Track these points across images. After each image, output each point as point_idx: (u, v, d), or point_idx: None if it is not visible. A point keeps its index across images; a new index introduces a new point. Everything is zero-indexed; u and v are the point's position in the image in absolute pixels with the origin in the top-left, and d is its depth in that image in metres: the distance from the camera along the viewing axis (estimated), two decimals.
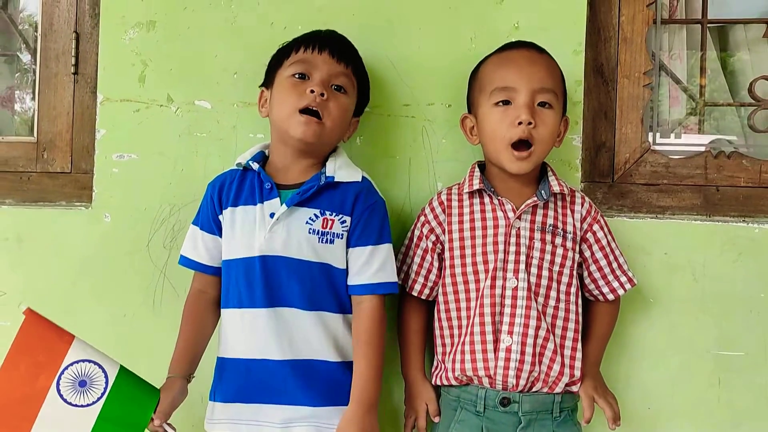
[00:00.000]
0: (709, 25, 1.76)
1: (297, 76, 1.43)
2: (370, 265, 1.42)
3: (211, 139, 1.68)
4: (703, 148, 1.66)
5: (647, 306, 1.58)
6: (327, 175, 1.44)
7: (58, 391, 1.25)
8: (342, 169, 1.46)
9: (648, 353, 1.58)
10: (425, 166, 1.64)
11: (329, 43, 1.45)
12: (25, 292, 1.72)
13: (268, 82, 1.51)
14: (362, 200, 1.44)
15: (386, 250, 1.45)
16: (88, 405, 1.26)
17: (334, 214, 1.43)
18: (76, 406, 1.25)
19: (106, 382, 1.29)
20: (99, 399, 1.27)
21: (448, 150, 1.63)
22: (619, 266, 1.49)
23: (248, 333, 1.42)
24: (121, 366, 1.33)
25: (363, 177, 1.48)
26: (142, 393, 1.34)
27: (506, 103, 1.41)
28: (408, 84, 1.64)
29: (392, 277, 1.44)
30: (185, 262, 1.52)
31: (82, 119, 1.78)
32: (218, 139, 1.68)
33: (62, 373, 1.26)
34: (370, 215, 1.44)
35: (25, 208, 1.76)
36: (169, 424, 1.35)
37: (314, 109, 1.39)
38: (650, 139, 1.68)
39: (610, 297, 1.49)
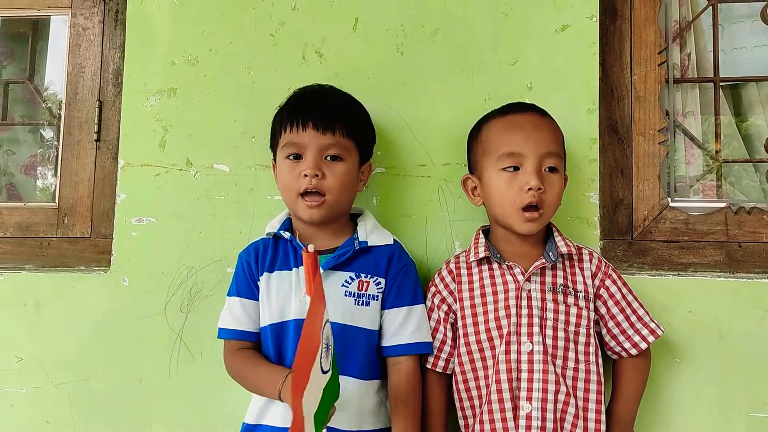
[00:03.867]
0: (721, 83, 1.77)
1: (291, 157, 1.46)
2: (406, 326, 1.44)
3: (229, 202, 1.70)
4: (722, 205, 1.64)
5: (673, 366, 1.54)
6: (360, 240, 1.46)
7: (321, 351, 1.08)
8: (373, 233, 1.49)
9: (678, 414, 1.53)
10: (442, 226, 1.64)
11: (311, 115, 1.45)
12: (41, 358, 1.72)
13: (274, 155, 1.55)
14: (395, 263, 1.46)
15: (420, 310, 1.46)
16: (325, 372, 1.11)
17: (369, 276, 1.44)
18: (322, 371, 1.09)
19: (332, 351, 1.14)
20: (328, 370, 1.12)
21: (465, 209, 1.63)
22: (639, 319, 1.45)
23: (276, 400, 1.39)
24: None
25: (394, 240, 1.50)
26: (336, 376, 1.21)
27: (515, 168, 1.42)
28: (423, 144, 1.66)
29: (427, 337, 1.45)
30: (227, 333, 1.48)
31: (102, 184, 1.80)
32: (236, 202, 1.69)
33: (322, 331, 1.09)
34: (404, 277, 1.46)
35: (43, 273, 1.77)
36: None
37: (313, 190, 1.42)
38: (668, 195, 1.67)
39: (633, 352, 1.44)
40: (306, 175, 1.42)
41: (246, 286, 1.49)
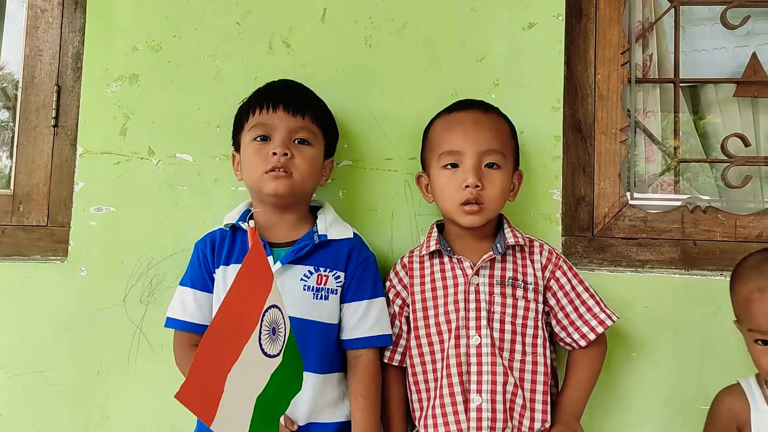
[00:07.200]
0: (681, 84, 1.81)
1: (258, 139, 1.44)
2: (366, 320, 1.44)
3: (192, 192, 1.67)
4: (679, 203, 1.68)
5: (630, 360, 1.58)
6: (320, 233, 1.45)
7: (260, 332, 1.03)
8: (333, 227, 1.48)
9: (635, 408, 1.57)
10: (408, 220, 1.64)
11: (283, 98, 1.46)
12: None
13: (236, 145, 1.52)
14: (355, 256, 1.46)
15: (380, 303, 1.47)
16: (272, 356, 1.05)
17: (328, 270, 1.43)
18: (266, 355, 1.04)
19: (284, 338, 1.08)
20: (278, 354, 1.07)
21: (431, 204, 1.63)
22: (588, 309, 1.46)
23: None
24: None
25: (354, 233, 1.50)
26: (297, 368, 1.15)
27: (454, 165, 1.44)
28: (390, 138, 1.65)
29: (387, 329, 1.46)
30: (177, 324, 1.47)
31: (60, 172, 1.76)
32: (199, 192, 1.67)
33: (264, 314, 1.03)
34: (363, 270, 1.46)
35: None
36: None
37: (281, 168, 1.40)
38: (628, 193, 1.71)
39: (582, 343, 1.45)
40: (275, 154, 1.40)
41: (200, 278, 1.47)
